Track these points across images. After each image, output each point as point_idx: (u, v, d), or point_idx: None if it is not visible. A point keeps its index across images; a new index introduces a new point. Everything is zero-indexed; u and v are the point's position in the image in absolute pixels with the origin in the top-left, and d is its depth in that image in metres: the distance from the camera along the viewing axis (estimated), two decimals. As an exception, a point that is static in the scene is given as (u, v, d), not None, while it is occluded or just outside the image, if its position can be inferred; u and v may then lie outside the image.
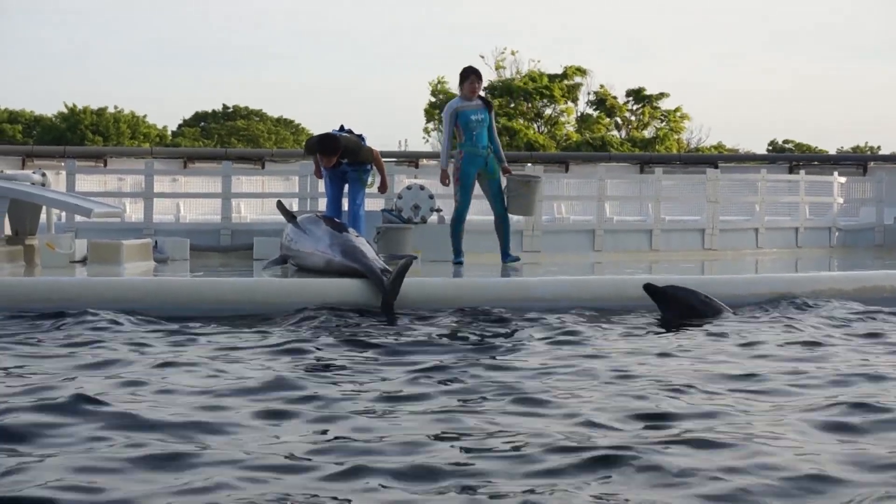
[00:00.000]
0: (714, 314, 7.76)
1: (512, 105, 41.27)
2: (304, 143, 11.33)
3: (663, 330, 7.30)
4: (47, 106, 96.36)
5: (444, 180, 11.36)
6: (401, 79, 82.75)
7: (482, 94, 11.01)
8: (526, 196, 11.18)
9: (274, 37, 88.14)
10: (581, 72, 42.20)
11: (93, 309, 7.83)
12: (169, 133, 53.36)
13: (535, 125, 42.10)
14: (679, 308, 7.74)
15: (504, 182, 11.25)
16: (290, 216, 10.25)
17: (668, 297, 7.79)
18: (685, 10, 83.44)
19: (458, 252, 11.36)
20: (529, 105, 41.64)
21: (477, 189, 11.43)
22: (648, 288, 7.80)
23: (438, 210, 14.00)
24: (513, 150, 36.34)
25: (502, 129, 39.24)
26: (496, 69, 43.30)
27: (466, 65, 11.03)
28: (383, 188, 11.57)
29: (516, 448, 3.93)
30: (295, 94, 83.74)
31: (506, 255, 11.38)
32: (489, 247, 15.05)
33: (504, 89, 41.53)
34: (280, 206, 10.49)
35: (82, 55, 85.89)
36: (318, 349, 6.37)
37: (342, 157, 10.96)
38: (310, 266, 9.63)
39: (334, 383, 5.27)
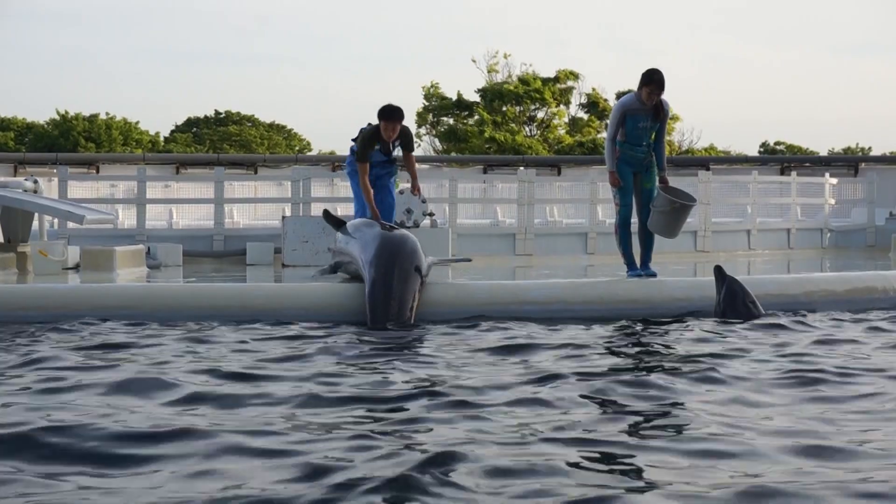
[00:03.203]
0: (753, 310, 8.59)
1: (504, 109, 41.28)
2: (359, 138, 10.31)
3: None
4: (38, 109, 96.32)
5: (614, 182, 9.97)
6: (392, 82, 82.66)
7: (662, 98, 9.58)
8: (669, 217, 9.71)
9: (266, 41, 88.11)
10: (573, 75, 42.26)
11: (86, 315, 7.83)
12: (161, 139, 53.24)
13: (526, 128, 42.12)
14: (730, 293, 8.67)
15: (656, 193, 9.83)
16: (338, 223, 9.65)
17: (728, 282, 8.74)
18: (673, 9, 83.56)
19: (630, 263, 9.88)
20: (521, 109, 41.66)
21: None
22: (718, 269, 8.85)
23: (431, 214, 14.01)
24: (503, 153, 36.37)
25: (490, 139, 39.18)
26: (488, 72, 43.33)
27: (650, 68, 9.57)
28: (416, 188, 11.16)
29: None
30: (286, 97, 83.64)
31: (645, 266, 9.88)
32: (487, 248, 15.12)
33: (495, 93, 41.53)
34: (326, 214, 9.87)
35: (73, 58, 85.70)
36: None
37: (400, 140, 10.41)
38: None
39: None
